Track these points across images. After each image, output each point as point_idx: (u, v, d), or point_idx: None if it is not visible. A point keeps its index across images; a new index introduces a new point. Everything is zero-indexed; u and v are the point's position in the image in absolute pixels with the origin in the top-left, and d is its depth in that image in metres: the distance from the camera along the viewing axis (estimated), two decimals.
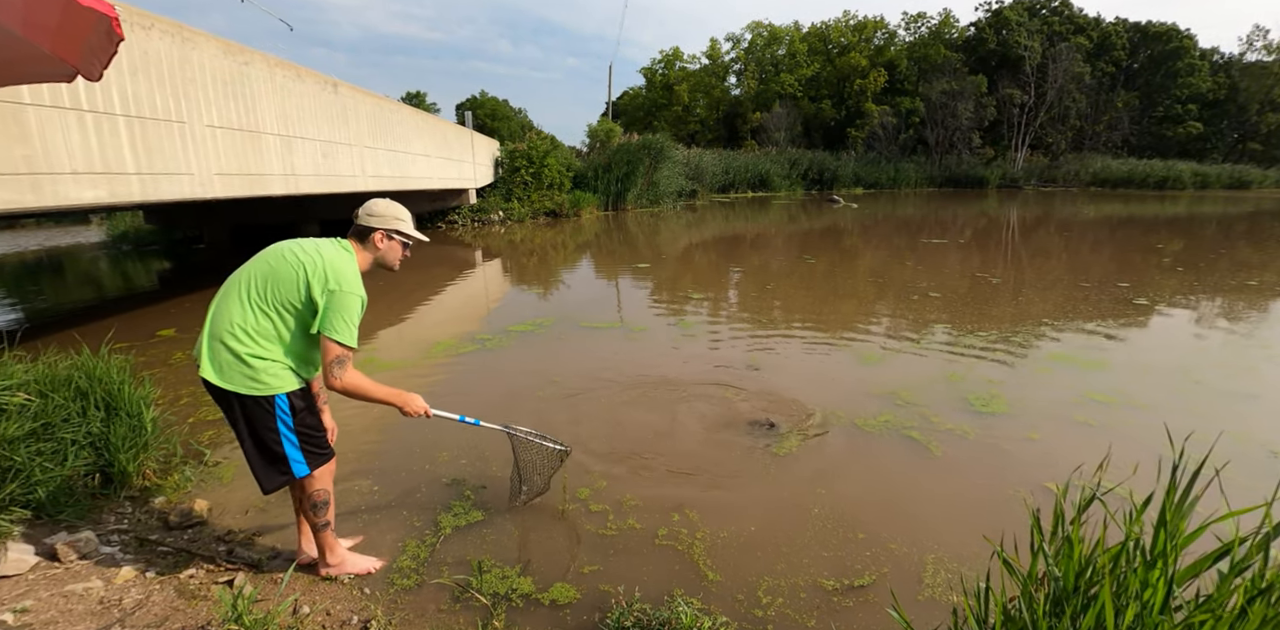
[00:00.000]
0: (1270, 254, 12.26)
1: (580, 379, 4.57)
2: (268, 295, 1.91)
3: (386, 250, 2.14)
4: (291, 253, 1.97)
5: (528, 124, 52.41)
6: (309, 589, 2.25)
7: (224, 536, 2.58)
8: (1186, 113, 43.13)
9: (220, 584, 2.24)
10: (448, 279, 8.62)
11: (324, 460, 2.12)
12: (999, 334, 5.97)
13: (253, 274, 1.95)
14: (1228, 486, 1.50)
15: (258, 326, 1.90)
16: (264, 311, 1.90)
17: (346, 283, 1.93)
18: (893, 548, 2.57)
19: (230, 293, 1.94)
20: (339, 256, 1.99)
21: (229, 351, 1.89)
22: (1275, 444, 3.63)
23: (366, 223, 2.09)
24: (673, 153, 20.98)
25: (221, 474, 3.11)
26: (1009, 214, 20.99)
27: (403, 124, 11.01)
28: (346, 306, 1.92)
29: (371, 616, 2.11)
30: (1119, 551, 1.36)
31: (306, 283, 1.90)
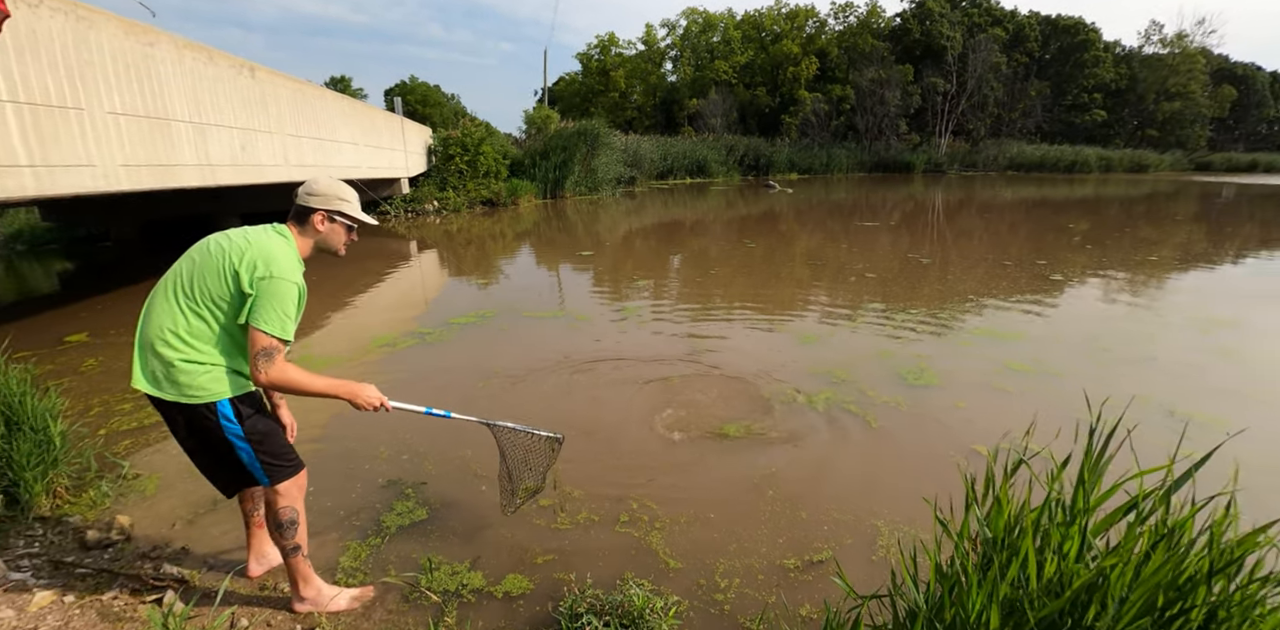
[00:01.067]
0: (1166, 231, 13.29)
1: (525, 370, 4.51)
2: (196, 293, 1.75)
3: (329, 233, 1.95)
4: (217, 244, 1.81)
5: (461, 111, 50.92)
6: (247, 600, 2.14)
7: (149, 553, 2.42)
8: (1092, 101, 46.01)
9: (148, 603, 2.10)
10: (383, 272, 8.32)
11: (288, 472, 1.92)
12: (928, 311, 6.26)
13: (179, 272, 1.80)
14: (1134, 443, 1.62)
15: (190, 328, 1.75)
16: (194, 311, 1.75)
17: (279, 269, 1.76)
18: (845, 519, 2.68)
19: (158, 295, 1.80)
20: (271, 241, 1.83)
21: (160, 359, 1.74)
22: (1172, 403, 3.97)
23: (305, 203, 1.91)
24: (610, 139, 20.83)
25: (143, 486, 2.91)
26: (934, 197, 21.92)
27: (327, 110, 10.49)
28: (279, 294, 1.74)
29: (316, 624, 2.03)
30: (1042, 509, 1.45)
31: (234, 273, 1.74)
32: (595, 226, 13.54)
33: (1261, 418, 3.80)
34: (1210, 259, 9.94)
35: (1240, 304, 6.84)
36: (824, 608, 2.09)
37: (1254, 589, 1.21)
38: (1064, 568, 1.29)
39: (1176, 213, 17.78)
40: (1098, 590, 1.19)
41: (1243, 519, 1.38)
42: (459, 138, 16.26)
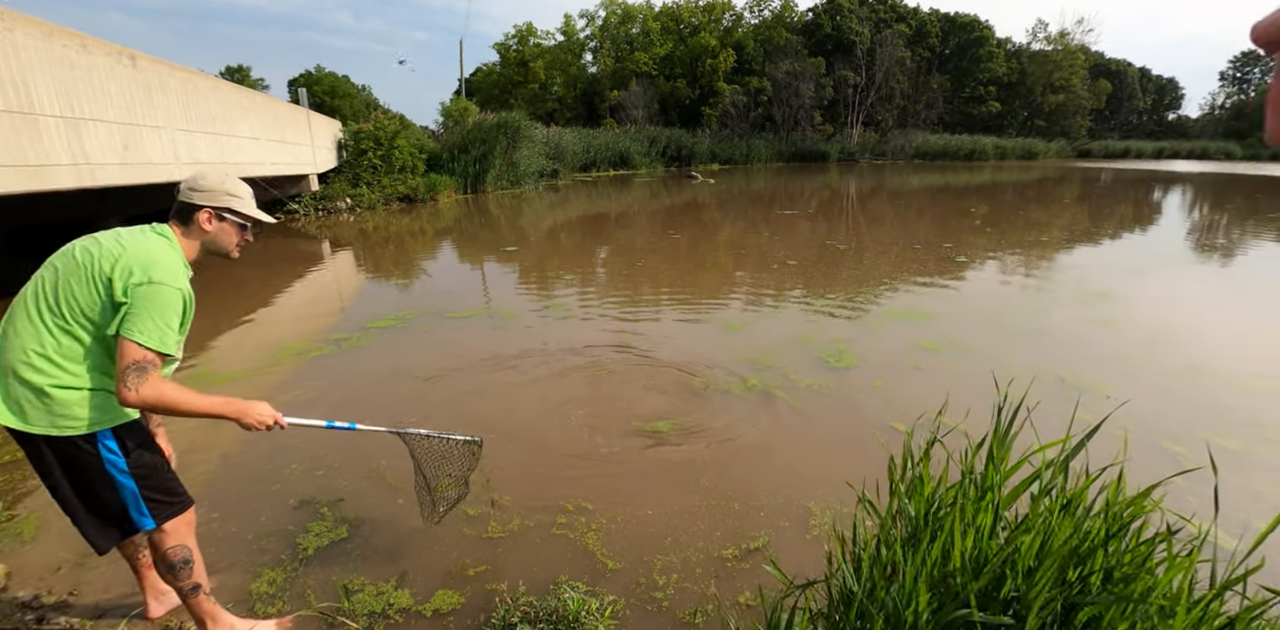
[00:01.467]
0: (1054, 213, 14.38)
1: (449, 372, 4.35)
2: (63, 307, 1.50)
3: (217, 233, 1.72)
4: (84, 249, 1.56)
5: (373, 103, 48.57)
6: None
7: (30, 603, 2.15)
8: (988, 94, 49.27)
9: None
10: (293, 275, 7.83)
11: (176, 510, 1.71)
12: (846, 295, 6.51)
13: (40, 284, 1.55)
14: (1033, 414, 1.72)
15: (60, 349, 1.50)
16: (63, 328, 1.50)
17: (159, 273, 1.52)
18: (778, 503, 2.73)
19: (17, 313, 1.54)
20: (150, 243, 1.59)
21: (27, 386, 1.49)
22: (1062, 372, 4.30)
23: (189, 199, 1.66)
24: (531, 132, 20.42)
25: (19, 529, 2.58)
26: (848, 186, 22.82)
27: (224, 103, 9.72)
28: (158, 301, 1.51)
29: None
30: (958, 487, 1.51)
31: (107, 280, 1.50)
32: (519, 221, 13.27)
33: (1138, 381, 4.18)
34: (1092, 238, 10.83)
35: (1116, 277, 7.51)
36: (761, 595, 2.12)
37: (1143, 549, 1.30)
38: (980, 544, 1.34)
39: (1063, 196, 19.27)
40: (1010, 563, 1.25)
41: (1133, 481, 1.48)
42: (371, 131, 15.49)
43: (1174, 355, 4.75)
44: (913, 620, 1.24)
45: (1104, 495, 1.40)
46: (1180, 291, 7.17)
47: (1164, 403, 3.88)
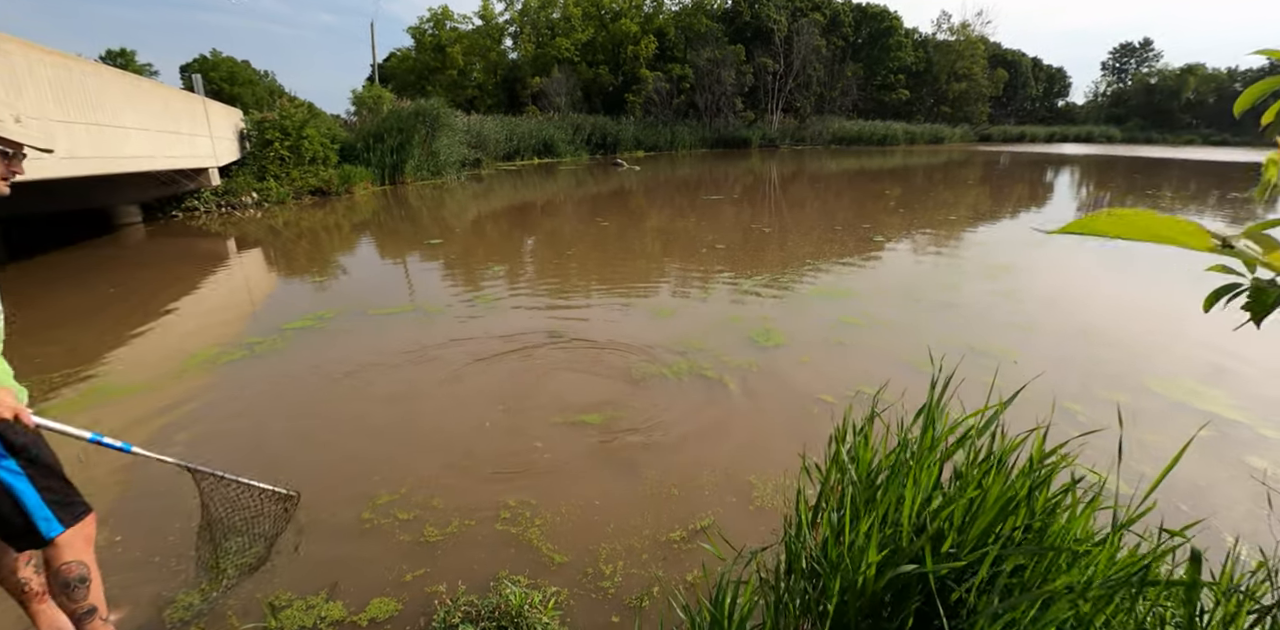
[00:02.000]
0: (960, 194, 15.24)
1: (373, 370, 4.16)
2: None
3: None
4: None
5: (277, 90, 45.67)
6: None
7: None
8: (897, 81, 51.54)
9: None
10: (196, 278, 7.26)
11: (78, 514, 1.55)
12: (771, 276, 6.68)
13: None
14: (954, 381, 1.80)
15: None
16: None
17: None
18: (719, 480, 2.77)
19: None
20: None
21: None
22: (972, 341, 4.60)
23: None
24: (451, 119, 19.70)
25: None
26: (770, 171, 23.36)
27: (106, 91, 8.81)
28: None
29: None
30: (898, 450, 1.56)
31: None
32: (441, 212, 12.83)
33: (1039, 346, 4.50)
34: (994, 216, 11.56)
35: (1015, 252, 8.06)
36: (704, 573, 2.14)
37: (1056, 500, 1.39)
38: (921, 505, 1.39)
39: (968, 178, 20.46)
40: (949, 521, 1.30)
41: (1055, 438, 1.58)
42: (277, 120, 14.51)
43: (1067, 321, 5.15)
44: (863, 578, 1.28)
45: (1022, 456, 1.48)
46: (1071, 264, 7.76)
47: (1062, 366, 4.19)
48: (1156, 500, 1.41)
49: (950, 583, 1.36)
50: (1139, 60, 73.66)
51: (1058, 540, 1.33)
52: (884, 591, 1.35)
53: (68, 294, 6.43)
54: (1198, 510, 2.55)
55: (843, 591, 1.35)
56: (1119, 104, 70.96)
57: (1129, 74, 74.07)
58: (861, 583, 1.31)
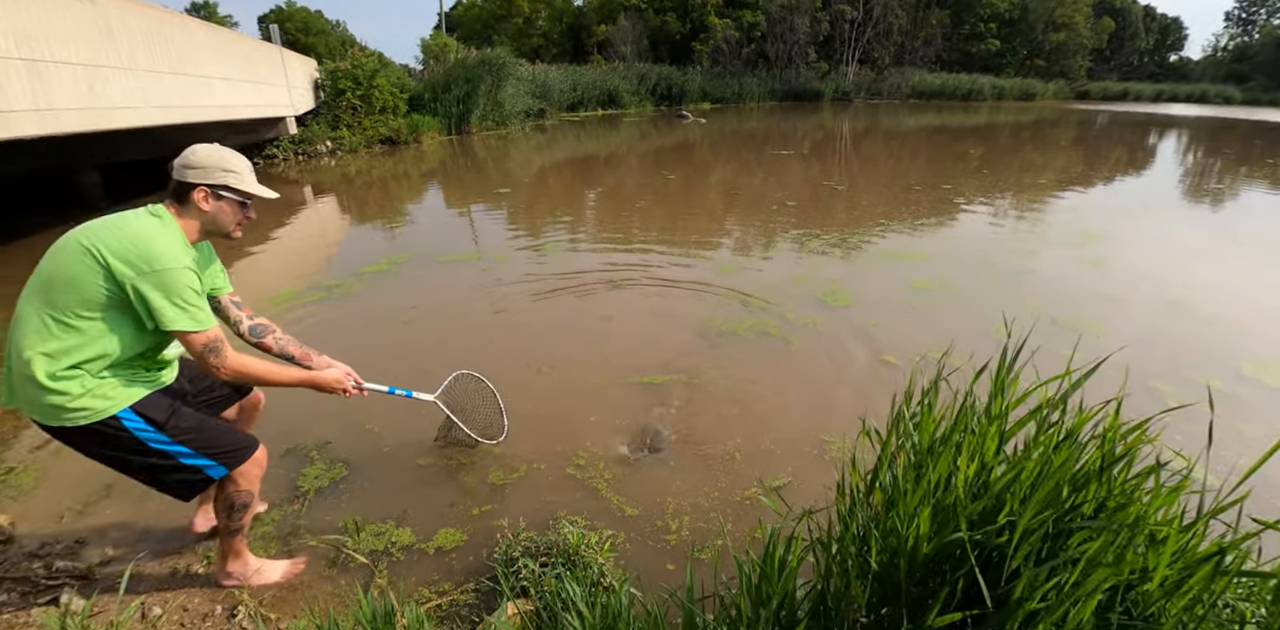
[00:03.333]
0: (1050, 156, 14.18)
1: (445, 317, 4.32)
2: (58, 301, 1.48)
3: (216, 213, 1.65)
4: (77, 242, 1.51)
5: (349, 39, 46.13)
6: (157, 588, 1.99)
7: (37, 551, 2.16)
8: (988, 31, 47.42)
9: (42, 605, 1.91)
10: (275, 223, 7.62)
11: (242, 456, 1.72)
12: (840, 235, 6.48)
13: (37, 281, 1.53)
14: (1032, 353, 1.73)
15: (60, 344, 1.48)
16: (61, 322, 1.48)
17: (160, 259, 1.49)
18: (787, 438, 2.80)
19: (22, 305, 1.53)
20: (144, 228, 1.52)
21: (31, 382, 1.48)
22: (1055, 312, 4.37)
23: (183, 177, 1.60)
24: (517, 69, 19.51)
25: (19, 481, 2.58)
26: (843, 126, 22.26)
27: (192, 41, 9.12)
28: (170, 287, 1.50)
29: (238, 602, 1.92)
30: (960, 417, 1.53)
31: (105, 273, 1.47)
32: (507, 163, 12.90)
33: (1126, 321, 4.24)
34: (1086, 180, 10.73)
35: (1108, 219, 7.49)
36: (760, 525, 2.19)
37: (1135, 481, 1.33)
38: (982, 472, 1.37)
39: (1059, 138, 18.95)
40: (1009, 490, 1.28)
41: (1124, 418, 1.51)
42: (349, 70, 14.73)
43: (1160, 296, 4.80)
44: (913, 541, 1.28)
45: (1099, 430, 1.42)
46: (1171, 235, 7.17)
47: (1152, 342, 3.94)
48: (1251, 489, 1.34)
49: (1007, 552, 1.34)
50: (1270, 10, 64.95)
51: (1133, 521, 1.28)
52: (934, 557, 1.35)
53: None
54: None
55: (892, 555, 1.35)
56: (1242, 60, 63.17)
57: (1257, 26, 65.50)
58: (911, 547, 1.31)
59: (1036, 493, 1.26)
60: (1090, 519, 1.31)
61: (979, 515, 1.29)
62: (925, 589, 1.35)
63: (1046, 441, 1.41)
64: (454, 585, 1.99)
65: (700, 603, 1.82)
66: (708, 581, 1.97)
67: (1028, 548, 1.21)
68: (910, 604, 1.31)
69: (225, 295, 1.89)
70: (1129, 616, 1.25)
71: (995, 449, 1.38)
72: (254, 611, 1.88)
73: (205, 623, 1.86)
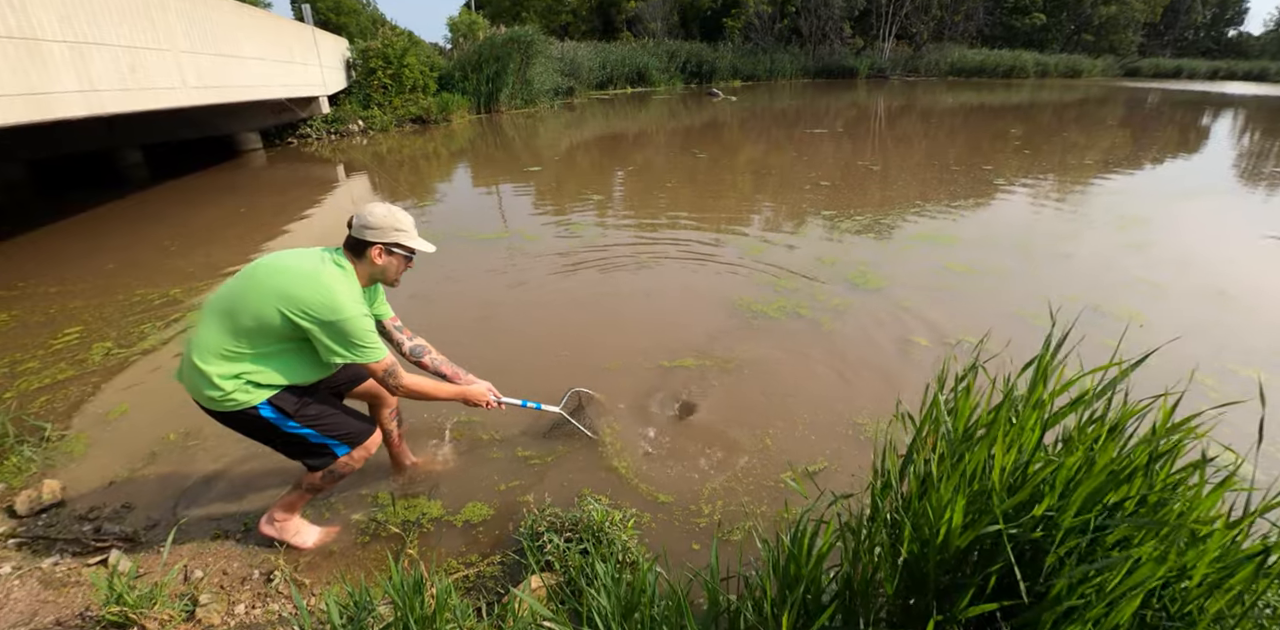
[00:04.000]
0: (1095, 137, 13.61)
1: (475, 299, 4.36)
2: (242, 328, 1.76)
3: (385, 266, 1.91)
4: (269, 286, 1.75)
5: (379, 18, 46.11)
6: (198, 552, 2.08)
7: (87, 515, 2.27)
8: (1033, 4, 45.28)
9: (92, 566, 2.01)
10: (310, 201, 7.73)
11: (359, 439, 1.98)
12: (874, 217, 6.35)
13: (226, 302, 1.79)
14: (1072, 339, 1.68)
15: (232, 351, 1.77)
16: (236, 336, 1.76)
17: (344, 309, 1.76)
18: (822, 419, 2.81)
19: (206, 314, 1.82)
20: (330, 281, 1.78)
21: (200, 374, 1.77)
22: (1097, 299, 4.22)
23: (362, 236, 1.85)
24: (545, 47, 19.30)
25: (70, 447, 2.69)
26: (878, 104, 21.65)
27: (226, 21, 9.20)
28: (354, 330, 1.79)
29: (274, 567, 1.99)
30: (1001, 406, 1.49)
31: (289, 317, 1.74)
32: (535, 142, 12.86)
33: (1172, 311, 4.08)
34: (1133, 163, 10.29)
35: (1155, 204, 7.20)
36: (786, 507, 2.19)
37: (1182, 475, 1.29)
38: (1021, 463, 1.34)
39: (1106, 118, 18.18)
40: (1049, 483, 1.24)
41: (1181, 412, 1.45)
42: (380, 49, 14.74)
43: (1207, 286, 4.61)
44: (945, 532, 1.26)
45: (1144, 424, 1.38)
46: (1222, 221, 6.86)
47: (1195, 332, 3.79)
48: None
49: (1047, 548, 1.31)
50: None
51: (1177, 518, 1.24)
52: (967, 549, 1.33)
53: (205, 211, 7.05)
54: None
55: (923, 545, 1.33)
56: None
57: None
58: (944, 538, 1.29)
59: (1079, 488, 1.22)
60: (1132, 515, 1.27)
61: (1015, 508, 1.26)
62: (955, 579, 1.33)
63: (1092, 435, 1.36)
64: (481, 557, 2.03)
65: (725, 582, 1.83)
66: (734, 563, 1.98)
67: (1068, 545, 1.18)
68: (939, 594, 1.29)
69: (388, 320, 2.14)
70: (1165, 614, 1.22)
71: (1036, 440, 1.34)
72: (289, 576, 1.95)
73: (244, 586, 1.93)
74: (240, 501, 2.32)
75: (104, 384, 3.23)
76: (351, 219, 1.88)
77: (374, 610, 1.58)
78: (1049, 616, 1.09)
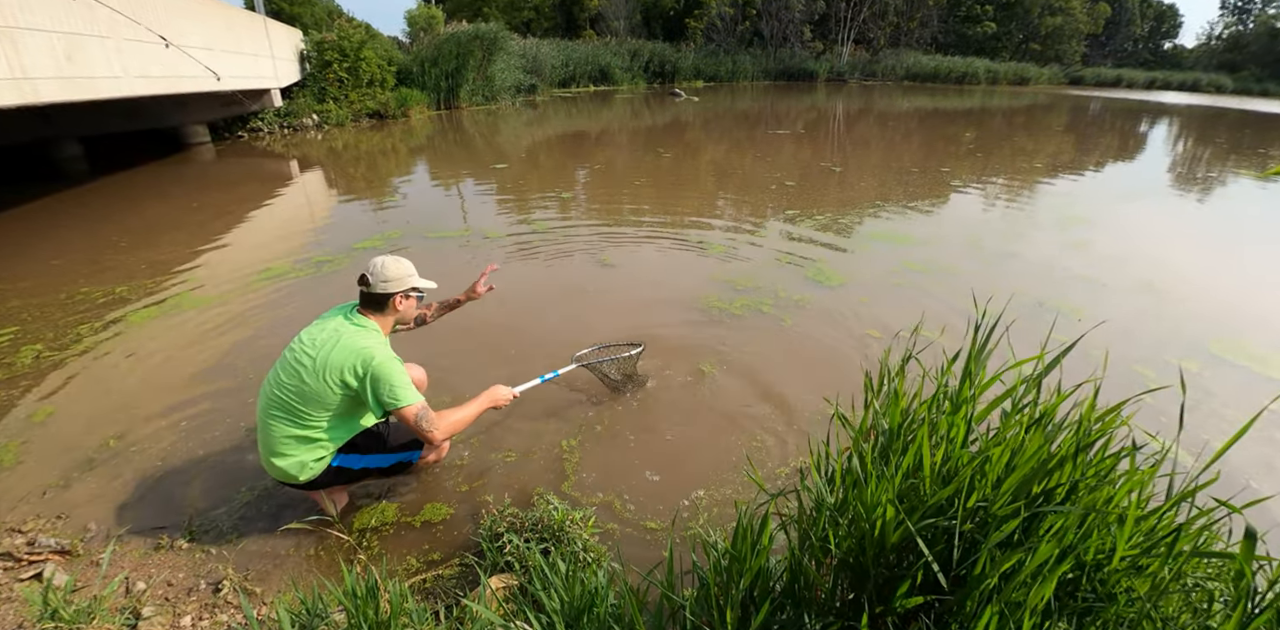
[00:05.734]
0: (1042, 142, 14.17)
1: None
2: (303, 411, 1.93)
3: (405, 309, 2.13)
4: (310, 366, 1.92)
5: (335, 9, 44.72)
6: (141, 562, 2.01)
7: (19, 527, 2.17)
8: (984, 13, 46.93)
9: (25, 581, 1.92)
10: (262, 197, 7.48)
11: (416, 447, 2.20)
12: (832, 216, 6.48)
13: (278, 392, 1.95)
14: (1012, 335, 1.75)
15: (297, 437, 1.95)
16: (300, 423, 1.94)
17: (377, 359, 1.93)
18: (780, 413, 2.84)
19: (264, 409, 1.98)
20: (359, 338, 1.97)
21: (282, 459, 1.96)
22: (1042, 295, 4.41)
23: (384, 290, 2.04)
24: (508, 43, 19.09)
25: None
26: (837, 106, 22.08)
27: (170, 8, 8.84)
28: (389, 376, 1.93)
29: (223, 576, 1.94)
30: (932, 401, 1.55)
31: (341, 382, 1.92)
32: (497, 139, 12.72)
33: (1110, 305, 4.30)
34: (1078, 166, 10.76)
35: (1097, 206, 7.55)
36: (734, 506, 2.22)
37: (1109, 463, 1.36)
38: (951, 454, 1.39)
39: (1052, 124, 18.93)
40: (979, 474, 1.30)
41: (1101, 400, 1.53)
42: (335, 41, 14.34)
43: (1143, 282, 4.86)
44: (880, 527, 1.30)
45: (1075, 412, 1.45)
46: (1155, 222, 7.23)
47: (1132, 326, 4.00)
48: (1220, 473, 1.37)
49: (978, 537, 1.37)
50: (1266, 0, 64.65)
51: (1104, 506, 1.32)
52: (900, 544, 1.37)
53: (152, 206, 6.76)
54: (1266, 490, 2.47)
55: (860, 540, 1.38)
56: (1235, 49, 62.95)
57: (1252, 15, 65.15)
58: (879, 534, 1.34)
59: (1008, 478, 1.28)
60: (1060, 504, 1.34)
61: (948, 499, 1.32)
62: (893, 573, 1.38)
63: (1019, 423, 1.43)
64: (441, 558, 2.01)
65: (681, 579, 1.86)
66: (689, 560, 2.01)
67: (999, 535, 1.24)
68: (878, 587, 1.34)
69: None
70: (1095, 595, 1.29)
71: (963, 434, 1.40)
72: (238, 585, 1.90)
73: (190, 597, 1.87)
74: (184, 508, 2.24)
75: (33, 388, 3.08)
76: (363, 278, 2.03)
77: (328, 617, 1.56)
78: (971, 603, 1.14)
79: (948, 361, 1.59)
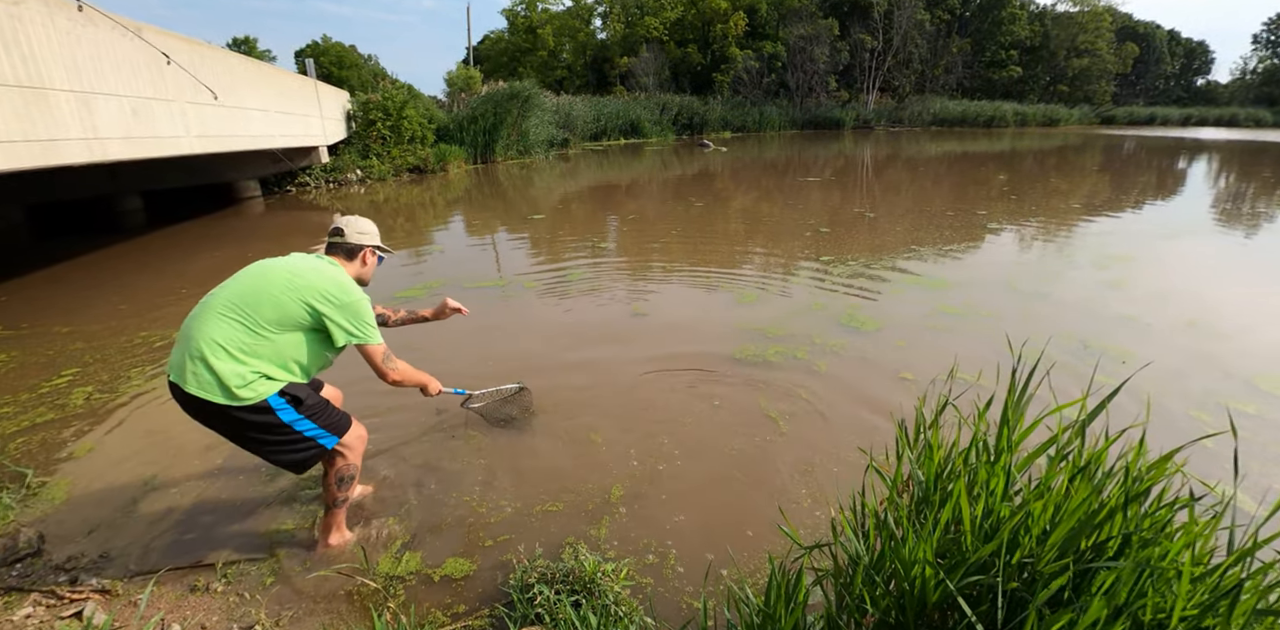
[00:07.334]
0: (1074, 183, 14.03)
1: (475, 346, 4.38)
2: (254, 316, 1.90)
3: (369, 267, 2.26)
4: (281, 278, 1.96)
5: (380, 72, 47.84)
6: (177, 604, 2.02)
7: (64, 565, 2.22)
8: (1009, 58, 47.64)
9: (66, 619, 1.95)
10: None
11: (346, 424, 2.13)
12: (865, 262, 6.45)
13: (236, 294, 1.94)
14: (1055, 379, 1.70)
15: (244, 345, 1.89)
16: (251, 331, 1.90)
17: (350, 292, 2.03)
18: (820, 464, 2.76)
19: (210, 312, 1.91)
20: (333, 272, 2.05)
21: (211, 370, 1.85)
22: (1086, 337, 4.28)
23: (358, 241, 2.19)
24: (541, 100, 20.06)
25: (51, 494, 2.65)
26: (864, 153, 22.34)
27: (232, 74, 9.59)
28: (360, 313, 2.03)
29: (255, 621, 1.94)
30: (968, 450, 1.50)
31: (307, 302, 1.94)
32: (530, 191, 13.16)
33: (1157, 347, 4.13)
34: (1115, 206, 10.58)
35: (1137, 243, 7.38)
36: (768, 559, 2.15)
37: (1163, 514, 1.29)
38: (991, 506, 1.34)
39: (1085, 164, 18.78)
40: (1023, 529, 1.24)
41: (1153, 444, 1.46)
42: (380, 102, 15.29)
43: (1194, 324, 4.67)
44: (920, 586, 1.25)
45: (1123, 460, 1.39)
46: (1201, 261, 7.01)
47: (1182, 368, 3.83)
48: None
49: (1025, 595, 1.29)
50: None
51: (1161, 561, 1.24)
52: (942, 601, 1.31)
53: (208, 255, 7.13)
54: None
55: (900, 597, 1.31)
56: (1272, 82, 62.38)
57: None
58: (918, 592, 1.27)
59: (1054, 532, 1.22)
60: (1113, 559, 1.27)
61: (990, 556, 1.26)
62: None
63: (1064, 472, 1.37)
64: (466, 610, 1.98)
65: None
66: (724, 615, 1.93)
67: (1047, 593, 1.17)
68: None
69: None
70: None
71: (1003, 486, 1.35)
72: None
73: None
74: (221, 552, 2.27)
75: (87, 428, 3.20)
76: (336, 229, 2.15)
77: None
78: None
79: (980, 409, 1.54)
